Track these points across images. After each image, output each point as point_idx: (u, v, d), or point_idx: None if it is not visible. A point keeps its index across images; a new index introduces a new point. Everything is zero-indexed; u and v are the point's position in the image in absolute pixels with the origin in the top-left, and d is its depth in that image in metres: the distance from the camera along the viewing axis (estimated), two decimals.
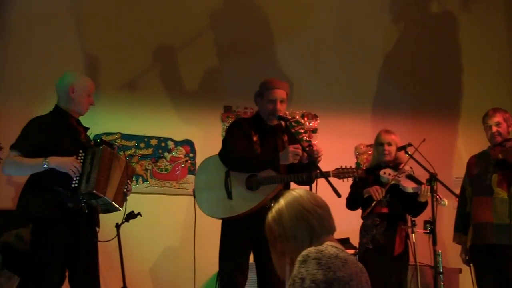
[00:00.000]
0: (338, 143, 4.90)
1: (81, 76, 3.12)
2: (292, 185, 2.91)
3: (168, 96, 4.77)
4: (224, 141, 3.14)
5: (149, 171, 4.62)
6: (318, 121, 5.08)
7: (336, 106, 5.09)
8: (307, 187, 2.76)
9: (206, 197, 3.04)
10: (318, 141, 4.90)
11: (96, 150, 2.87)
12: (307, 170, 2.88)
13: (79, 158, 2.85)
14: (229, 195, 2.95)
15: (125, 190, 3.02)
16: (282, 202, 1.42)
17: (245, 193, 2.94)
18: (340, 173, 3.00)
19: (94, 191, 2.78)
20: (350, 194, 3.53)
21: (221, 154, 3.09)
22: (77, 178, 2.78)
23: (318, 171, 2.85)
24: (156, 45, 4.68)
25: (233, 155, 3.00)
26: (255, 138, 3.06)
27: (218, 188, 2.99)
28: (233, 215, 2.93)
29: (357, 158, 5.05)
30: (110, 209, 3.01)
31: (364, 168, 3.48)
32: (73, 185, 2.79)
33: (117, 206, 2.96)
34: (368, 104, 5.14)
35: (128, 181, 3.06)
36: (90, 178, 2.77)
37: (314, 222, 1.34)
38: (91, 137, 3.23)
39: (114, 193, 2.92)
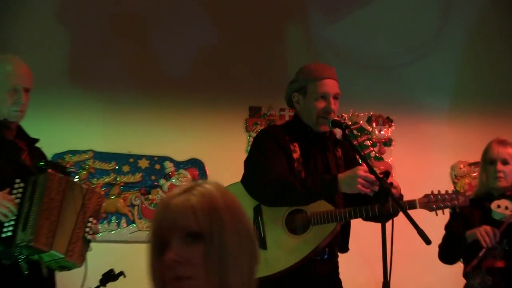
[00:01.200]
0: (423, 161, 4.99)
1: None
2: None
3: (164, 96, 4.87)
4: (251, 161, 3.13)
5: (136, 207, 4.72)
6: (393, 127, 5.20)
7: (417, 106, 5.16)
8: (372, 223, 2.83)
9: None
10: (393, 158, 5.02)
11: (38, 179, 2.80)
12: (376, 200, 2.88)
13: (15, 191, 2.80)
14: (262, 243, 2.96)
15: (86, 234, 2.96)
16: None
17: (286, 238, 2.96)
18: (432, 202, 3.00)
19: (32, 243, 2.71)
20: (446, 237, 3.52)
21: (248, 181, 3.08)
22: (11, 223, 2.72)
23: (394, 201, 2.81)
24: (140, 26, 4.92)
25: (267, 181, 2.97)
26: (295, 155, 3.08)
27: None
28: (270, 273, 2.93)
29: (454, 183, 5.14)
30: (64, 265, 2.95)
31: (467, 195, 3.29)
32: (3, 235, 2.73)
33: (73, 262, 2.91)
34: (470, 102, 5.28)
35: (92, 219, 2.99)
36: (27, 224, 2.72)
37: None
38: (50, 156, 3.19)
39: (66, 243, 2.86)
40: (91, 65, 4.81)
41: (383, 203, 2.66)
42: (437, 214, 3.03)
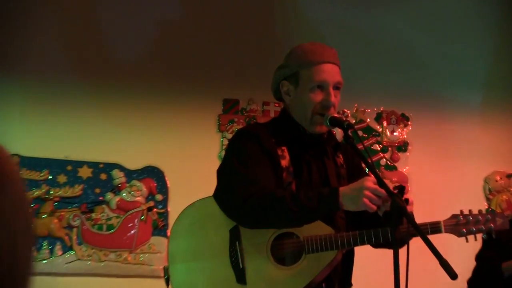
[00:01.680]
0: (448, 171, 5.04)
1: None
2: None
3: (111, 86, 4.87)
4: (227, 170, 3.09)
5: (75, 230, 4.70)
6: (410, 127, 5.24)
7: (441, 101, 5.23)
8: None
9: (191, 281, 3.01)
10: (410, 167, 5.10)
11: None
12: (388, 221, 2.73)
13: None
14: (241, 277, 2.93)
15: None
16: None
17: (272, 271, 2.92)
18: (461, 224, 2.91)
19: None
20: (478, 270, 3.57)
21: (222, 196, 3.04)
22: None
23: (410, 223, 2.69)
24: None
25: (247, 196, 2.93)
26: (284, 162, 3.02)
27: (215, 262, 2.97)
28: None
29: (488, 199, 5.15)
30: None
31: (506, 215, 3.16)
32: None
33: None
34: (507, 96, 5.34)
35: None
36: None
37: None
38: None
39: None
40: (12, 47, 4.81)
41: (396, 226, 2.57)
42: (467, 241, 2.91)
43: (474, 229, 2.91)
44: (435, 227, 2.86)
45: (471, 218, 2.91)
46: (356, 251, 3.10)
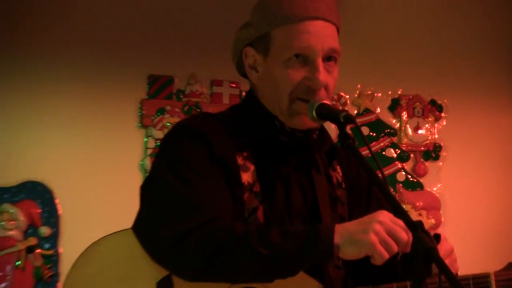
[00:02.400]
0: (500, 190, 4.86)
1: None
2: None
3: None
4: (157, 188, 2.67)
5: None
6: (444, 122, 4.93)
7: (495, 84, 5.03)
8: None
9: None
10: (443, 185, 4.82)
11: None
12: (406, 270, 2.22)
13: None
14: None
15: None
16: None
17: None
18: None
19: None
20: None
21: (148, 227, 2.64)
22: None
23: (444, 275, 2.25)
24: None
25: (188, 229, 2.53)
26: (246, 177, 2.64)
27: None
28: None
29: None
30: None
31: None
32: None
33: None
34: None
35: None
36: None
37: None
38: None
39: None
40: None
41: (422, 278, 2.03)
42: None
43: None
44: (480, 282, 2.55)
45: None
46: None
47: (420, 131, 4.97)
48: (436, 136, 5.01)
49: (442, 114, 5.03)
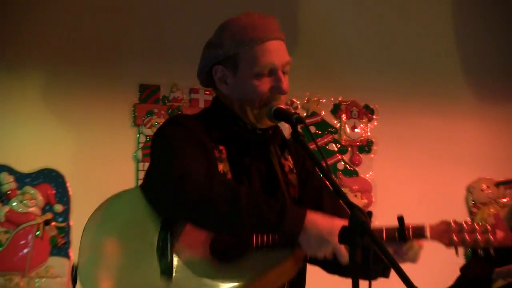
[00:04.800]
0: (422, 177, 5.13)
1: None
2: None
3: None
4: (160, 161, 2.95)
5: None
6: (375, 123, 5.21)
7: (411, 91, 5.27)
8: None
9: (102, 276, 2.80)
10: (374, 173, 5.14)
11: None
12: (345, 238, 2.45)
13: None
14: (166, 270, 2.74)
15: None
16: None
17: (204, 267, 2.75)
18: (452, 231, 2.74)
19: None
20: (460, 282, 3.73)
21: (154, 178, 2.88)
22: None
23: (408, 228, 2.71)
24: None
25: (187, 171, 2.74)
26: (222, 167, 2.90)
27: (139, 254, 2.76)
28: None
29: (471, 213, 5.22)
30: None
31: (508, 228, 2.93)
32: None
33: None
34: (497, 84, 5.45)
35: None
36: None
37: None
38: None
39: None
40: None
41: (356, 246, 2.33)
42: (457, 253, 2.70)
43: (468, 238, 2.70)
44: (418, 232, 2.66)
45: (465, 225, 2.72)
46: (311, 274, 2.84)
47: (356, 130, 5.37)
48: (369, 134, 5.43)
49: (374, 116, 5.44)
